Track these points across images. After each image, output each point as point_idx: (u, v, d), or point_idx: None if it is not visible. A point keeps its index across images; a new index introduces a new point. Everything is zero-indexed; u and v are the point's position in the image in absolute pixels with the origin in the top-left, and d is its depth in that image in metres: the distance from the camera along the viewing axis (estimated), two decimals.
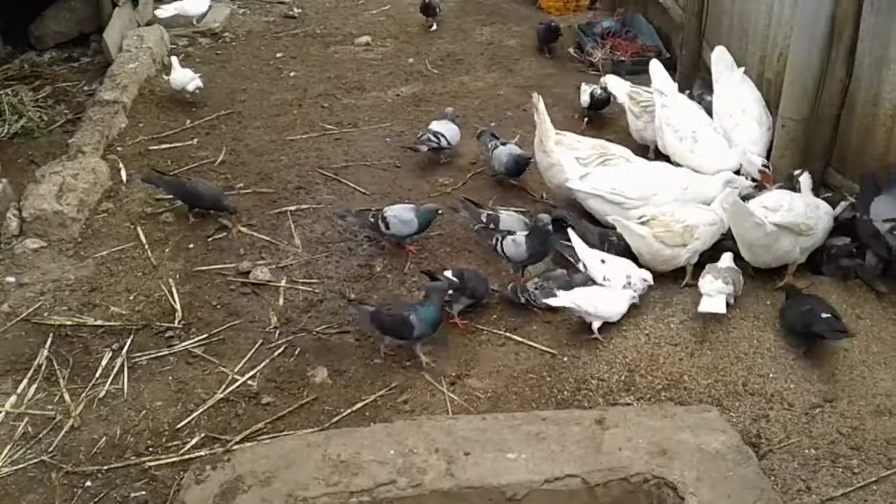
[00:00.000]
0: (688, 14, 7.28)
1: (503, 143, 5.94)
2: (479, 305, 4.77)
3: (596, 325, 4.46)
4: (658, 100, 5.83)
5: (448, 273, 4.67)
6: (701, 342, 4.41)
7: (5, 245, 5.27)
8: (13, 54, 8.09)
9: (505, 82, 7.61)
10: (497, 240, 4.91)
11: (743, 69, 5.93)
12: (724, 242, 4.92)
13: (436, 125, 6.25)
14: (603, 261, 4.75)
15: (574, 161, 5.30)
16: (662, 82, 5.95)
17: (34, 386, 4.30)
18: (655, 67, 6.08)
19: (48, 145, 6.63)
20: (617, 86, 6.33)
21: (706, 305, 4.44)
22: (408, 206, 5.25)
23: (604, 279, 4.63)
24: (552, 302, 4.54)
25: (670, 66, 6.71)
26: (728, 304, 4.54)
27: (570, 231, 4.84)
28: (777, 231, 4.58)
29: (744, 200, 4.68)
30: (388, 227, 5.12)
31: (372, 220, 5.15)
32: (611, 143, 5.68)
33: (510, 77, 7.67)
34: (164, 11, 8.24)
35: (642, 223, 4.82)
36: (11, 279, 5.02)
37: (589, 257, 4.76)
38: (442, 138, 6.13)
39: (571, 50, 8.12)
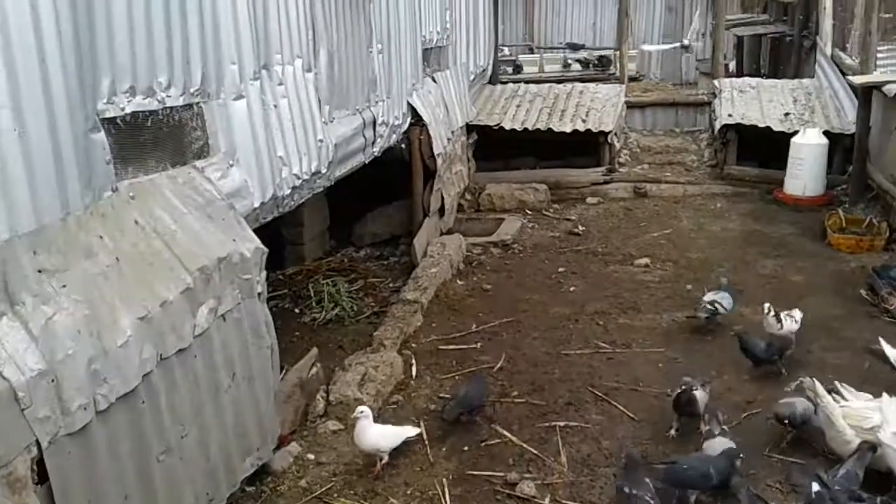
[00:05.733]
0: None
1: None
2: None
3: None
4: None
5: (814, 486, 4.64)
6: None
7: (311, 424, 6.02)
8: (336, 249, 9.49)
9: None
10: None
11: None
12: None
13: (710, 295, 7.31)
14: None
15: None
16: None
17: None
18: None
19: (354, 333, 7.57)
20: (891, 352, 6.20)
21: None
22: (703, 455, 5.06)
23: None
24: None
25: None
26: None
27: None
28: None
29: None
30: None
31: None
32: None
33: None
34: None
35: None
36: (311, 457, 5.69)
37: None
38: (718, 306, 7.16)
39: (863, 292, 7.82)
